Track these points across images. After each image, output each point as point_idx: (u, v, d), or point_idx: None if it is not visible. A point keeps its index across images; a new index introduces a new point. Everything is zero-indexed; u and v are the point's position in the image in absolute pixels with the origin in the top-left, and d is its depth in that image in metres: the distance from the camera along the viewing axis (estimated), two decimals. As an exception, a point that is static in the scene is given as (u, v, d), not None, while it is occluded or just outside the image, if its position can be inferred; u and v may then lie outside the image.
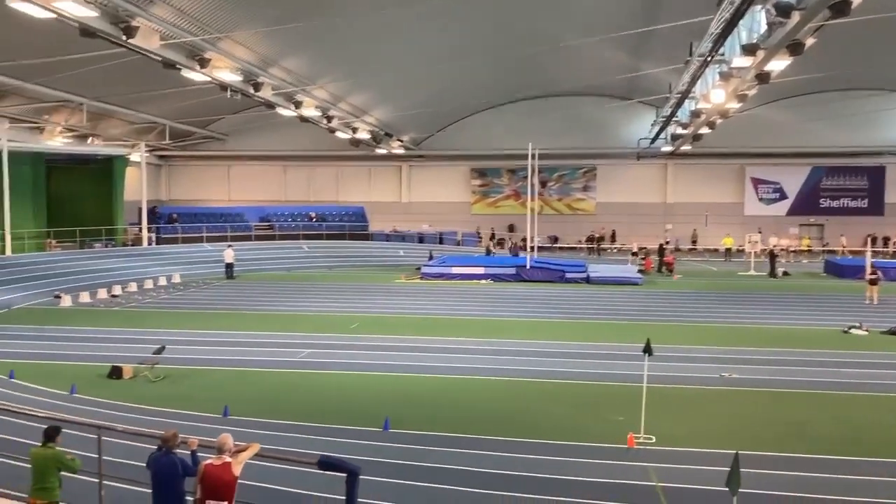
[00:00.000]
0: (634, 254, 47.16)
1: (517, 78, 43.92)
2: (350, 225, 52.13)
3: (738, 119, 43.15)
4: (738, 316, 26.90)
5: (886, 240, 50.19)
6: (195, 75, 27.93)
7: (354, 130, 45.11)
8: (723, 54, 25.59)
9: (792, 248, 50.15)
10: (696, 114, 36.26)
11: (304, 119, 38.95)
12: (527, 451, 12.38)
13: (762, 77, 25.24)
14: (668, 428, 13.42)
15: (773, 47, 21.75)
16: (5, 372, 17.67)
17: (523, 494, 10.51)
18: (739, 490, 8.00)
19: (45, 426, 8.40)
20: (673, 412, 14.57)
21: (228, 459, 7.39)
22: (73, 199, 42.97)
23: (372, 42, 32.54)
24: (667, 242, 48.19)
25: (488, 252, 46.15)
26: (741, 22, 21.33)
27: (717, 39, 22.90)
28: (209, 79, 28.81)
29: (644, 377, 13.38)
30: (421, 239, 51.94)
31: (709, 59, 25.39)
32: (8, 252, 35.15)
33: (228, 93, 31.78)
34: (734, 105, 32.14)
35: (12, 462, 9.34)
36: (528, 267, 37.85)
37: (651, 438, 12.78)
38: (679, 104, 36.13)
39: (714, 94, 28.99)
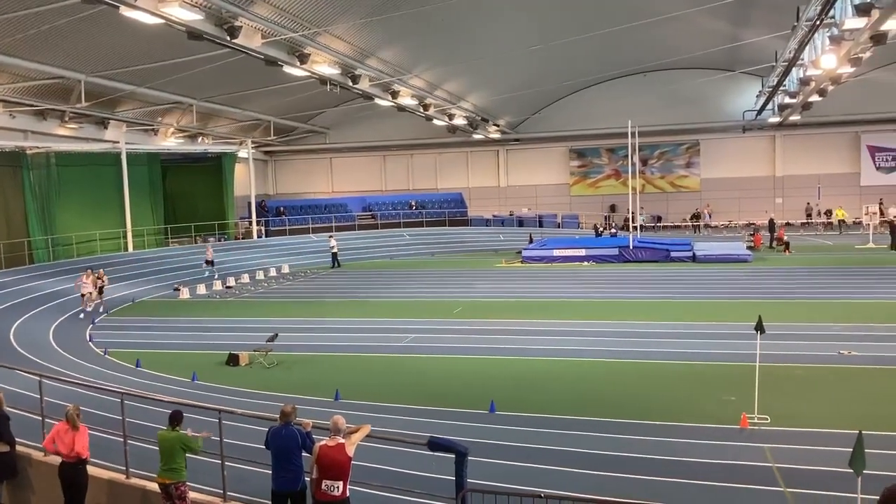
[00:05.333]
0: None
1: (613, 55, 43.01)
2: (449, 211, 52.51)
3: (852, 84, 40.78)
4: (857, 291, 25.64)
5: None
6: (296, 71, 28.74)
7: (451, 117, 45.34)
8: (833, 16, 24.26)
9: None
10: (805, 81, 34.53)
11: (401, 108, 39.47)
12: (636, 433, 12.22)
13: (877, 38, 23.75)
14: (783, 408, 12.99)
15: (889, 5, 20.42)
16: (132, 361, 18.78)
17: (633, 476, 10.40)
18: (864, 471, 7.66)
19: (170, 411, 8.92)
20: (788, 391, 14.09)
21: (342, 440, 7.64)
22: (188, 196, 44.98)
23: (465, 28, 32.57)
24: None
25: (598, 233, 45.52)
26: (852, -19, 20.19)
27: (827, 1, 21.74)
28: (309, 74, 29.55)
29: (756, 356, 12.97)
30: (520, 223, 51.79)
31: (818, 22, 24.13)
32: (130, 248, 37.21)
33: (328, 87, 32.52)
34: (847, 70, 30.39)
35: (142, 445, 9.91)
36: (631, 247, 37.16)
37: (765, 419, 12.39)
38: (786, 72, 34.50)
39: (824, 60, 27.52)
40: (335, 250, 39.63)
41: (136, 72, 32.16)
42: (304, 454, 8.01)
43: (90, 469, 9.31)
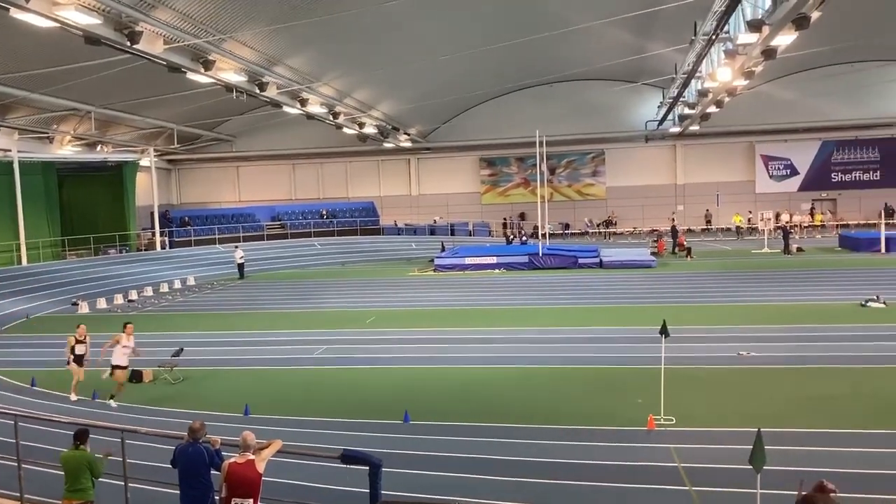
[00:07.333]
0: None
1: (521, 65, 43.74)
2: (361, 220, 52.23)
3: (746, 96, 42.82)
4: (754, 294, 26.77)
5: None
6: (200, 78, 28.00)
7: (361, 126, 45.09)
8: (727, 32, 25.38)
9: (805, 224, 49.83)
10: (703, 93, 36.03)
11: (310, 116, 39.01)
12: (547, 438, 12.40)
13: (768, 53, 25.01)
14: (688, 408, 13.42)
15: (778, 22, 21.53)
16: (27, 380, 17.86)
17: (545, 480, 10.53)
18: (764, 467, 7.97)
19: (73, 431, 8.49)
20: (692, 393, 14.56)
21: (252, 457, 7.44)
22: (86, 206, 43.19)
23: (374, 36, 32.48)
24: (672, 221, 48.09)
25: (509, 241, 46.09)
26: (745, -2, 21.18)
27: (721, 17, 22.73)
28: (214, 80, 28.85)
29: (661, 359, 13.36)
30: (432, 231, 51.97)
31: (713, 37, 25.20)
32: (24, 262, 35.42)
33: (234, 94, 31.80)
34: (741, 82, 31.89)
35: (39, 469, 9.42)
36: (540, 254, 37.80)
37: (671, 420, 12.77)
38: (685, 84, 35.89)
39: (720, 73, 28.78)
40: (241, 261, 38.83)
41: (28, 77, 30.63)
42: (213, 472, 7.77)
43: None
